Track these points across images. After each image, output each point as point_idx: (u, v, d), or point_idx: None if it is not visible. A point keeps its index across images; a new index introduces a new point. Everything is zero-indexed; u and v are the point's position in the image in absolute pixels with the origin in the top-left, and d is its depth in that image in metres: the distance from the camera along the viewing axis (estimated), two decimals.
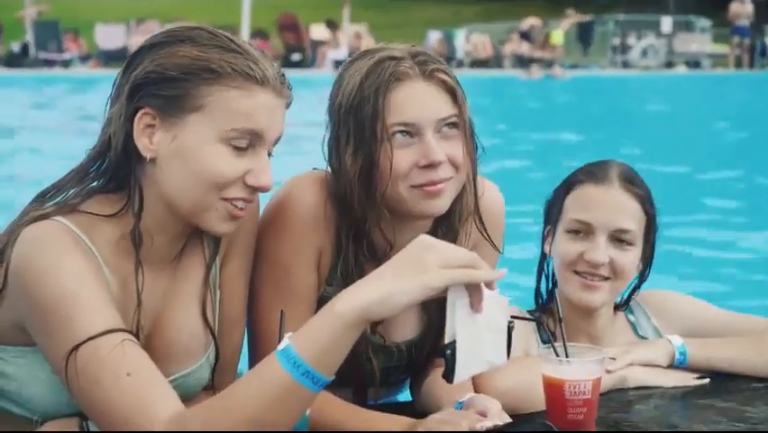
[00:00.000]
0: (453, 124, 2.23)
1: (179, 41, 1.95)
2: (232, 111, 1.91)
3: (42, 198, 2.01)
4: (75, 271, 1.86)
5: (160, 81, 1.92)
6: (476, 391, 2.23)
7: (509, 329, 1.82)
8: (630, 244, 2.57)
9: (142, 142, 1.94)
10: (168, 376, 2.01)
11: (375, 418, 2.17)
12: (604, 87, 23.83)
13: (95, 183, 2.02)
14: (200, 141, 1.91)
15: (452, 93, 2.22)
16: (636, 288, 2.69)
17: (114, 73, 2.06)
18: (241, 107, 1.92)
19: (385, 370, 2.39)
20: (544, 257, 2.70)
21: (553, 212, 2.67)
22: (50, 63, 27.63)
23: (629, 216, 2.57)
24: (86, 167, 2.02)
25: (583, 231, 2.57)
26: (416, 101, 2.19)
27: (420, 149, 2.19)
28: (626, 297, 2.70)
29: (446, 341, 1.74)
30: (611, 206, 2.56)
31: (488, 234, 2.37)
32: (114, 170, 2.01)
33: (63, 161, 2.08)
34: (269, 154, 2.00)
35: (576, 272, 2.57)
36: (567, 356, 2.17)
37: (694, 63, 31.53)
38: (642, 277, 2.67)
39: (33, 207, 1.98)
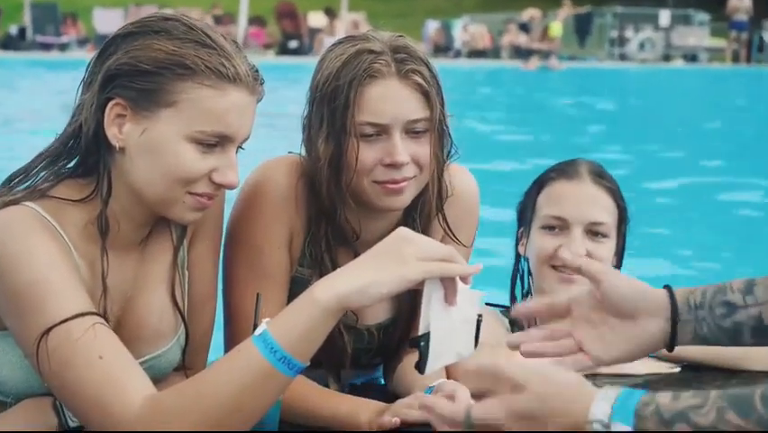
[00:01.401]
0: (423, 126, 2.24)
1: (154, 32, 1.94)
2: (203, 111, 1.92)
3: (11, 182, 2.01)
4: (45, 255, 1.87)
5: (134, 74, 1.92)
6: (447, 377, 2.26)
7: (478, 322, 1.85)
8: (605, 236, 2.61)
9: (112, 132, 1.95)
10: (138, 358, 2.02)
11: (345, 401, 2.20)
12: (600, 79, 23.83)
13: (64, 168, 2.03)
14: (168, 137, 1.92)
15: (426, 95, 2.23)
16: None
17: None
18: (212, 107, 1.92)
19: (355, 351, 2.42)
20: (518, 259, 2.74)
21: (526, 213, 2.71)
22: (46, 47, 27.61)
23: (602, 208, 2.62)
24: (55, 151, 2.02)
25: (558, 226, 2.61)
26: (387, 100, 2.20)
27: (386, 147, 2.21)
28: None
29: (420, 332, 1.77)
30: (584, 199, 2.61)
31: (453, 234, 2.40)
32: (84, 156, 2.02)
33: None
34: (241, 148, 2.02)
35: (553, 267, 2.60)
36: None
37: (691, 57, 31.53)
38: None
39: (2, 191, 1.99)
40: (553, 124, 14.55)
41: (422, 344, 1.76)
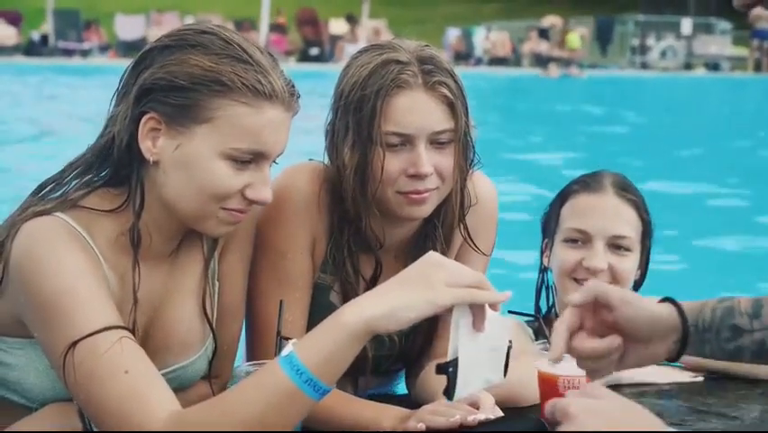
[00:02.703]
0: (447, 137, 2.25)
1: (191, 46, 1.93)
2: (239, 128, 1.91)
3: (41, 190, 2.00)
4: (74, 267, 1.87)
5: (169, 89, 1.91)
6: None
7: (508, 349, 1.85)
8: (628, 249, 2.60)
9: (146, 145, 1.94)
10: (165, 368, 2.04)
11: (368, 407, 2.19)
12: (622, 87, 23.79)
13: (96, 177, 2.02)
14: (203, 154, 1.91)
15: (452, 106, 2.23)
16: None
17: None
18: (248, 125, 1.91)
19: (377, 358, 2.41)
20: (543, 270, 2.73)
21: (549, 224, 2.70)
22: (69, 53, 27.75)
23: (625, 222, 2.61)
24: (87, 161, 2.02)
25: (581, 239, 2.60)
26: (413, 112, 2.20)
27: (410, 158, 2.22)
28: None
29: (448, 358, 1.76)
30: (607, 213, 2.60)
31: (474, 243, 2.40)
32: (117, 168, 2.00)
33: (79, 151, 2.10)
34: (275, 162, 2.01)
35: (576, 280, 2.60)
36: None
37: (713, 65, 31.43)
38: (638, 283, 2.70)
39: (33, 200, 1.98)
40: (574, 132, 14.53)
41: (450, 370, 1.75)
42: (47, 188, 2.01)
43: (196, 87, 1.90)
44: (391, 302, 1.71)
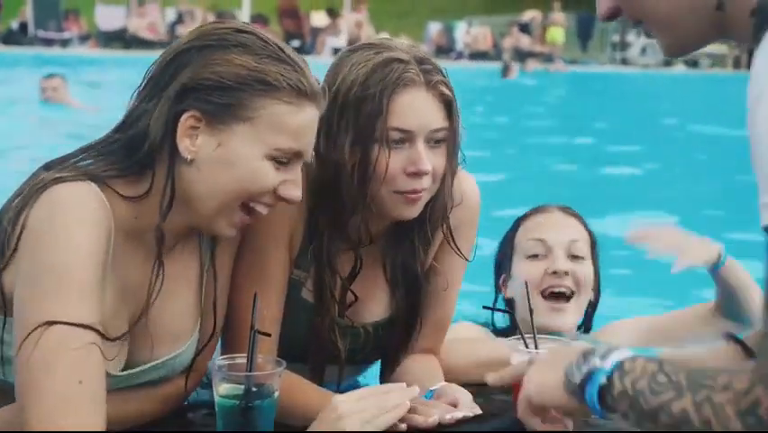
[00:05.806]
0: (442, 136, 2.27)
1: (233, 45, 1.95)
2: (280, 127, 1.94)
3: (48, 170, 1.95)
4: (85, 247, 1.83)
5: (214, 88, 1.92)
6: (447, 380, 2.27)
7: None
8: (583, 258, 2.90)
9: (184, 144, 1.94)
10: (156, 360, 2.08)
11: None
12: (601, 83, 23.85)
13: (113, 166, 1.98)
14: (245, 153, 1.93)
15: (449, 105, 2.27)
16: (593, 311, 2.99)
17: (112, 54, 2.02)
18: (289, 123, 1.95)
19: (350, 350, 2.44)
20: (509, 303, 2.96)
21: (504, 258, 2.98)
22: (48, 42, 27.59)
23: (576, 230, 2.95)
24: (107, 150, 2.00)
25: (541, 253, 2.88)
26: (416, 109, 2.24)
27: (409, 156, 2.24)
28: (583, 322, 2.98)
29: None
30: (558, 224, 2.94)
31: (455, 244, 2.44)
32: (145, 162, 1.99)
33: (65, 140, 2.05)
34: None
35: (544, 298, 2.83)
36: (536, 348, 2.21)
37: (692, 62, 31.52)
38: (595, 299, 2.98)
39: (47, 172, 1.93)
40: (553, 128, 14.56)
41: None
42: (66, 165, 1.97)
43: (241, 87, 1.92)
44: None
